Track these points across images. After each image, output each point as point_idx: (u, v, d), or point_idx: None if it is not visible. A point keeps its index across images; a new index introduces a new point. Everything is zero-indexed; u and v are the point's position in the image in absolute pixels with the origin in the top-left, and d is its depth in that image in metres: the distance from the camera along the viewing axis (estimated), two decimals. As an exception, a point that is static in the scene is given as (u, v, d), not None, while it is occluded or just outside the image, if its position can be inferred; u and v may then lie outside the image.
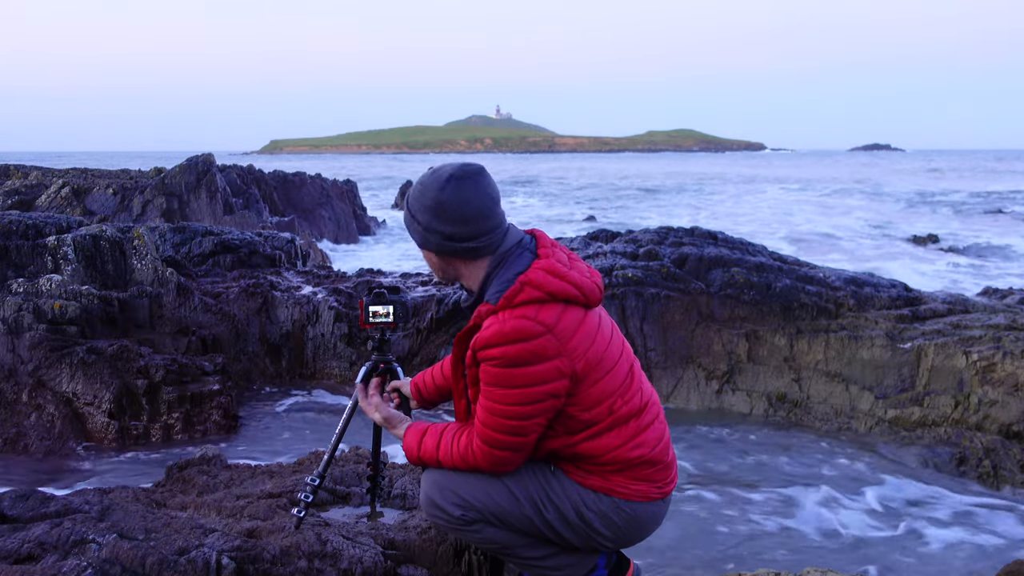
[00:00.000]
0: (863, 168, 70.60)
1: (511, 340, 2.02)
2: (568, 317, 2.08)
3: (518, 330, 2.02)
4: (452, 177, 2.14)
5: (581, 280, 2.13)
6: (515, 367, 2.03)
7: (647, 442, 2.22)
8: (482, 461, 2.17)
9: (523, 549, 2.29)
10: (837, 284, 7.43)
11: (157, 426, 5.75)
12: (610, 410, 2.16)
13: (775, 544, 4.57)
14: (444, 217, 2.14)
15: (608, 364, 2.15)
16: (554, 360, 2.03)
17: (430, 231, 2.17)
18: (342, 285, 7.97)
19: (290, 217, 17.44)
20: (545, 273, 2.09)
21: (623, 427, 2.19)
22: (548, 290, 2.07)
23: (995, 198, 35.23)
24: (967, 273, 16.11)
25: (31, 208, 14.53)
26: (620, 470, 2.21)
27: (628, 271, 7.32)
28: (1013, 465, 5.53)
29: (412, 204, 2.20)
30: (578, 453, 2.20)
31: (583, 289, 2.12)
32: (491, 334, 2.05)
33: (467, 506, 2.22)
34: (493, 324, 2.06)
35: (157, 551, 2.38)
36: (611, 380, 2.16)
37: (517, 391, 2.05)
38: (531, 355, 2.02)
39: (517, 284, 2.07)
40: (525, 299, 2.06)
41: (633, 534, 2.28)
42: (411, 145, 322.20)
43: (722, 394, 6.73)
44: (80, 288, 6.46)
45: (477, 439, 2.16)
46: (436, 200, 2.14)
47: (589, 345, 2.10)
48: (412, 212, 2.20)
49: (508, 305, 2.06)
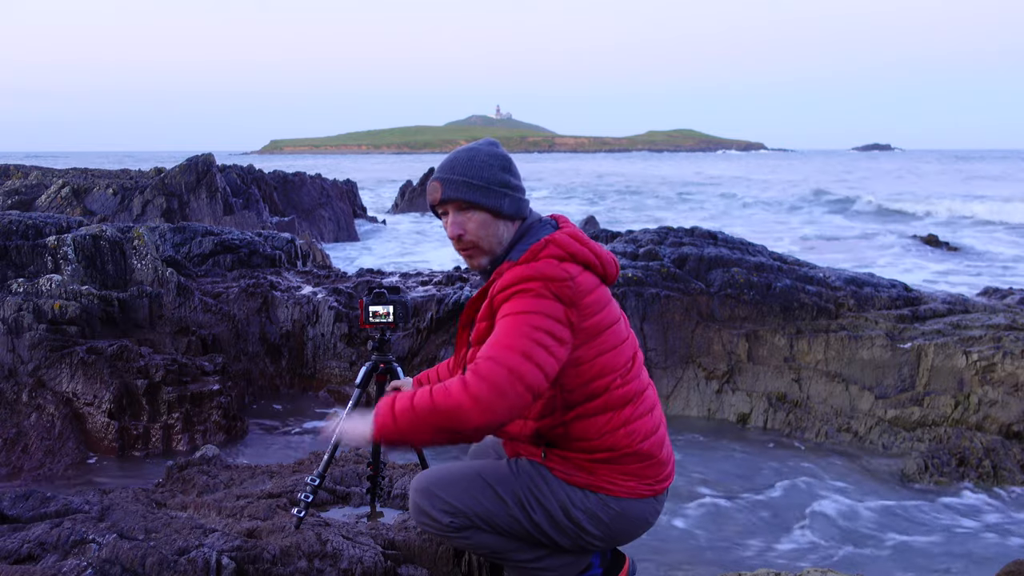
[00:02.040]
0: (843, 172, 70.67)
1: (533, 276, 2.06)
2: (586, 277, 2.15)
3: (543, 269, 2.07)
4: (491, 143, 2.29)
5: (601, 251, 2.23)
6: (533, 297, 2.04)
7: (638, 431, 2.20)
8: (480, 384, 1.91)
9: (515, 553, 2.27)
10: (837, 284, 7.43)
11: (157, 426, 5.75)
12: (607, 387, 2.17)
13: (775, 544, 4.57)
14: (511, 170, 2.25)
15: (613, 340, 2.18)
16: (568, 307, 2.07)
17: (506, 187, 2.22)
18: (342, 285, 7.97)
19: (290, 217, 17.44)
20: (569, 237, 2.18)
21: (617, 411, 2.18)
22: (571, 251, 2.15)
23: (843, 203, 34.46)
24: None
25: (31, 208, 14.54)
26: (608, 460, 2.19)
27: (628, 271, 7.32)
28: (1013, 465, 5.53)
29: (468, 172, 2.20)
30: (569, 433, 2.19)
31: (602, 259, 2.21)
32: (514, 274, 2.09)
33: (455, 512, 2.21)
34: (515, 269, 2.11)
35: (157, 551, 2.38)
36: (614, 358, 2.18)
37: (532, 316, 2.01)
38: (548, 291, 2.05)
39: (542, 242, 2.15)
40: (549, 254, 2.13)
41: (623, 532, 2.26)
42: (411, 145, 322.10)
43: (722, 394, 6.73)
44: (80, 288, 6.46)
45: (470, 373, 1.95)
46: (500, 156, 2.25)
47: (599, 311, 2.15)
48: (470, 179, 2.19)
49: (532, 258, 2.13)
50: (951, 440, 5.78)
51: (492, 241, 2.23)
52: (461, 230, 2.22)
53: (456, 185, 2.20)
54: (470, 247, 2.24)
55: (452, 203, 2.22)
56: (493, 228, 2.22)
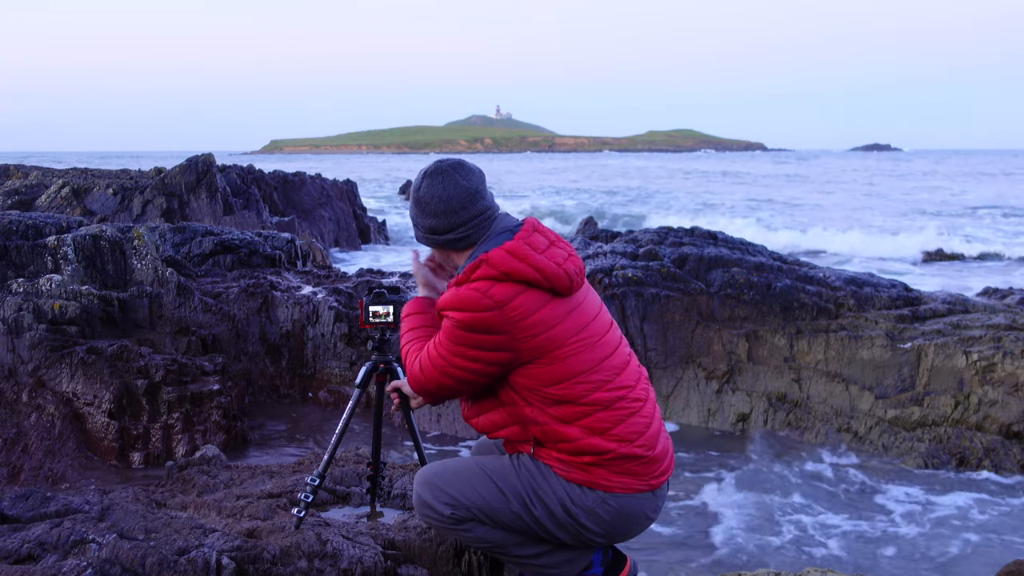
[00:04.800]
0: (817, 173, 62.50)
1: (460, 307, 2.17)
2: (525, 298, 2.15)
3: (466, 299, 2.16)
4: (427, 174, 2.32)
5: (544, 264, 2.18)
6: (464, 330, 2.17)
7: (622, 434, 2.21)
8: (417, 373, 2.33)
9: (516, 548, 2.29)
10: (837, 284, 7.43)
11: (157, 426, 5.75)
12: (581, 394, 2.18)
13: (775, 544, 4.58)
14: (425, 211, 2.32)
15: (576, 347, 2.18)
16: (499, 335, 2.14)
17: (416, 225, 2.38)
18: (342, 285, 7.96)
19: (290, 217, 17.42)
20: (506, 253, 2.18)
21: (593, 415, 2.19)
22: (504, 269, 2.16)
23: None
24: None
25: (31, 208, 14.54)
26: (597, 463, 2.20)
27: (628, 271, 7.32)
28: (1013, 465, 5.53)
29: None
30: (549, 436, 2.22)
31: (544, 273, 2.17)
32: (447, 298, 2.23)
33: (457, 504, 2.25)
34: (451, 291, 2.24)
35: (157, 551, 2.38)
36: (578, 364, 2.18)
37: (460, 348, 2.19)
38: (478, 324, 2.15)
39: (476, 261, 2.20)
40: (480, 275, 2.18)
41: (622, 528, 2.27)
42: (411, 145, 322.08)
43: (722, 394, 6.73)
44: (80, 288, 6.46)
45: (427, 359, 2.31)
46: (415, 197, 2.35)
47: (549, 327, 2.16)
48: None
49: (466, 279, 2.20)
50: (951, 440, 5.78)
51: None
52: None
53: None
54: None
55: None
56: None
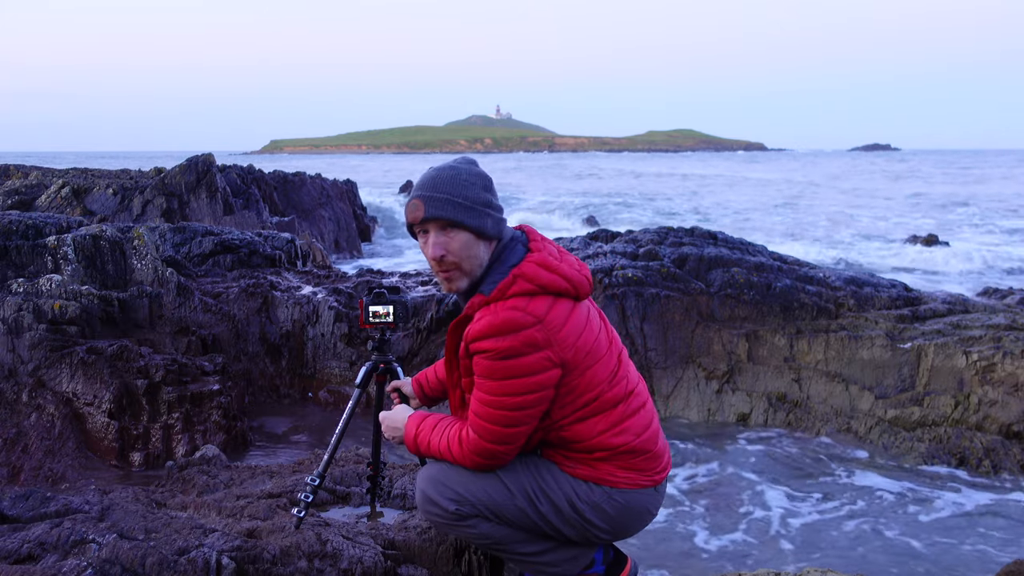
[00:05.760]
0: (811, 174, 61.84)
1: (502, 332, 2.06)
2: (558, 309, 2.13)
3: (508, 321, 2.06)
4: (469, 161, 2.27)
5: (571, 273, 2.19)
6: (507, 359, 2.07)
7: (631, 429, 2.24)
8: (474, 454, 2.18)
9: (519, 545, 2.30)
10: (837, 284, 7.43)
11: (157, 426, 5.75)
12: (596, 396, 2.19)
13: (775, 544, 4.58)
14: (491, 190, 2.24)
15: (598, 353, 2.20)
16: (544, 350, 2.08)
17: (488, 206, 2.20)
18: (342, 285, 7.96)
19: (290, 217, 17.42)
20: (537, 266, 2.15)
21: (609, 412, 2.21)
22: (539, 283, 2.13)
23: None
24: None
25: (31, 208, 14.53)
26: (606, 459, 2.23)
27: (628, 271, 7.32)
28: (1013, 465, 5.53)
29: (452, 190, 2.17)
30: (564, 437, 2.22)
31: (573, 281, 2.18)
32: (483, 326, 2.08)
33: (461, 500, 2.24)
34: (485, 316, 2.10)
35: (157, 551, 2.38)
36: (600, 368, 2.20)
37: (510, 382, 2.08)
38: (522, 346, 2.06)
39: (510, 277, 2.13)
40: (517, 291, 2.11)
41: (627, 524, 2.30)
42: (411, 145, 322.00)
43: (722, 394, 6.73)
44: (80, 288, 6.46)
45: (471, 431, 2.18)
46: (481, 176, 2.23)
47: (578, 335, 2.15)
48: (454, 197, 2.16)
49: (501, 297, 2.12)
50: (951, 440, 5.78)
51: (473, 263, 2.20)
52: (443, 250, 2.18)
53: (439, 203, 2.16)
54: (452, 268, 2.20)
55: (434, 222, 2.18)
56: (475, 249, 2.19)
